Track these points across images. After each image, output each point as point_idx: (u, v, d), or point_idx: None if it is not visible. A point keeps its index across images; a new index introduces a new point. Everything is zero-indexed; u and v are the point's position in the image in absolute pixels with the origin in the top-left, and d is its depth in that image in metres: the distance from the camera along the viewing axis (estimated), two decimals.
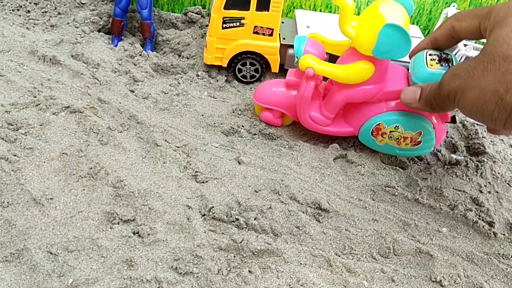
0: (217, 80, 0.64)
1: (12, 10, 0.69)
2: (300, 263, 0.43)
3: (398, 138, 0.52)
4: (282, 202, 0.48)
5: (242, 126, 0.57)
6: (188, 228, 0.44)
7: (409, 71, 0.50)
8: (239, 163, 0.52)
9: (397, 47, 0.45)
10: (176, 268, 0.40)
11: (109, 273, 0.39)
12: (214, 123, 0.57)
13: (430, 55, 0.48)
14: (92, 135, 0.51)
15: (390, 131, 0.51)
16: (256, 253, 0.43)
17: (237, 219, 0.45)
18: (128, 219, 0.43)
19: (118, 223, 0.43)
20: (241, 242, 0.43)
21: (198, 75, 0.64)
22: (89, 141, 0.50)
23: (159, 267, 0.40)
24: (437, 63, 0.47)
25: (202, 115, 0.57)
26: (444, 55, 0.48)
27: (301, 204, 0.48)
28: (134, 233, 0.43)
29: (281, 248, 0.43)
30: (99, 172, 0.47)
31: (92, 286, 0.38)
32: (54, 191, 0.45)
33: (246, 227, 0.45)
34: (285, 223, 0.46)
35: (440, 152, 0.58)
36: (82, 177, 0.46)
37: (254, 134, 0.56)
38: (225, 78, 0.64)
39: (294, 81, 0.54)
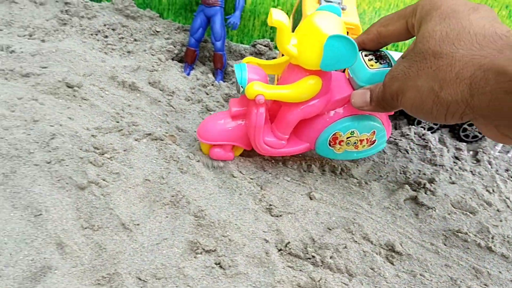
0: None
1: (91, 34, 0.73)
2: None
3: (355, 143, 0.53)
4: (356, 241, 0.48)
5: (313, 161, 0.58)
6: (267, 262, 0.45)
7: (350, 75, 0.50)
8: (311, 198, 0.53)
9: (344, 56, 0.44)
10: None
11: None
12: (285, 157, 0.58)
13: (366, 56, 0.49)
14: (172, 162, 0.53)
15: (347, 138, 0.52)
16: None
17: (313, 257, 0.46)
18: (210, 250, 0.45)
19: (201, 253, 0.45)
20: (319, 281, 0.44)
21: None
22: (170, 169, 0.52)
23: None
24: (375, 62, 0.48)
25: None
26: (378, 53, 0.49)
27: (374, 245, 0.49)
28: (216, 264, 0.44)
29: None
30: (180, 201, 0.49)
31: None
32: (140, 217, 0.47)
33: (321, 265, 0.46)
34: (360, 264, 0.46)
35: (509, 199, 0.58)
36: (165, 205, 0.48)
37: (324, 170, 0.57)
38: None
39: (240, 111, 0.52)
